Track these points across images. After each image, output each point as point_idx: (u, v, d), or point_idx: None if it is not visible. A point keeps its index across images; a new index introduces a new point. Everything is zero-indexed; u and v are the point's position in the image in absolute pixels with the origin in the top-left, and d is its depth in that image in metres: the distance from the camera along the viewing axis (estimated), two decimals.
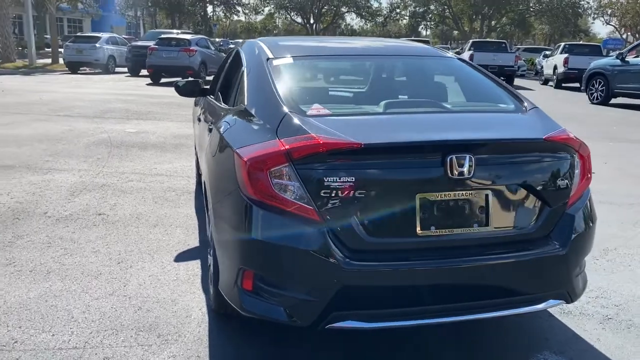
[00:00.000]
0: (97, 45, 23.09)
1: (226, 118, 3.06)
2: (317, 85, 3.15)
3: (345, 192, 2.22)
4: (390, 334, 2.89)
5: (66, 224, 4.48)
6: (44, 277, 3.51)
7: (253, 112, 2.74)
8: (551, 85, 22.15)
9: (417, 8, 42.29)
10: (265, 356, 2.76)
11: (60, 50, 27.17)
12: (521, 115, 2.75)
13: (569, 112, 12.78)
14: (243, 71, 3.20)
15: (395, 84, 3.34)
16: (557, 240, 2.44)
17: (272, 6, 43.62)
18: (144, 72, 20.30)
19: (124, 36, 32.20)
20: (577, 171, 2.53)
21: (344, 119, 2.57)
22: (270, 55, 3.14)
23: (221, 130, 2.91)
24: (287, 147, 2.26)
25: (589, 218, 2.60)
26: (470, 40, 24.82)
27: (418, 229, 2.30)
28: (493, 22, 41.76)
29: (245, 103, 2.87)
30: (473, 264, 2.34)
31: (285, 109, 2.53)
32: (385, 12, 43.54)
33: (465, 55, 22.53)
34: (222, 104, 3.53)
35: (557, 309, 3.25)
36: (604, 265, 3.96)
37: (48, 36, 35.62)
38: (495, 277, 2.39)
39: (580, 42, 34.20)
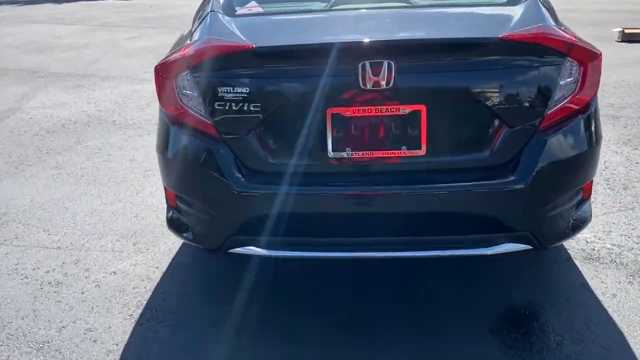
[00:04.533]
0: None
1: None
2: None
3: (242, 105, 1.94)
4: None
5: (124, 132, 4.74)
6: (75, 181, 3.77)
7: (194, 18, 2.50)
8: None
9: None
10: (211, 271, 2.71)
11: None
12: (504, 7, 2.13)
13: None
14: None
15: None
16: (517, 171, 1.91)
17: None
18: None
19: None
20: (563, 82, 1.92)
21: (268, 19, 2.23)
22: None
23: None
24: (185, 52, 2.02)
25: (579, 145, 1.99)
26: None
27: (330, 150, 1.95)
28: None
29: None
30: (398, 193, 1.95)
31: (211, 8, 2.25)
32: None
33: None
34: None
35: (579, 253, 2.67)
36: None
37: None
38: (427, 212, 1.98)
39: None
